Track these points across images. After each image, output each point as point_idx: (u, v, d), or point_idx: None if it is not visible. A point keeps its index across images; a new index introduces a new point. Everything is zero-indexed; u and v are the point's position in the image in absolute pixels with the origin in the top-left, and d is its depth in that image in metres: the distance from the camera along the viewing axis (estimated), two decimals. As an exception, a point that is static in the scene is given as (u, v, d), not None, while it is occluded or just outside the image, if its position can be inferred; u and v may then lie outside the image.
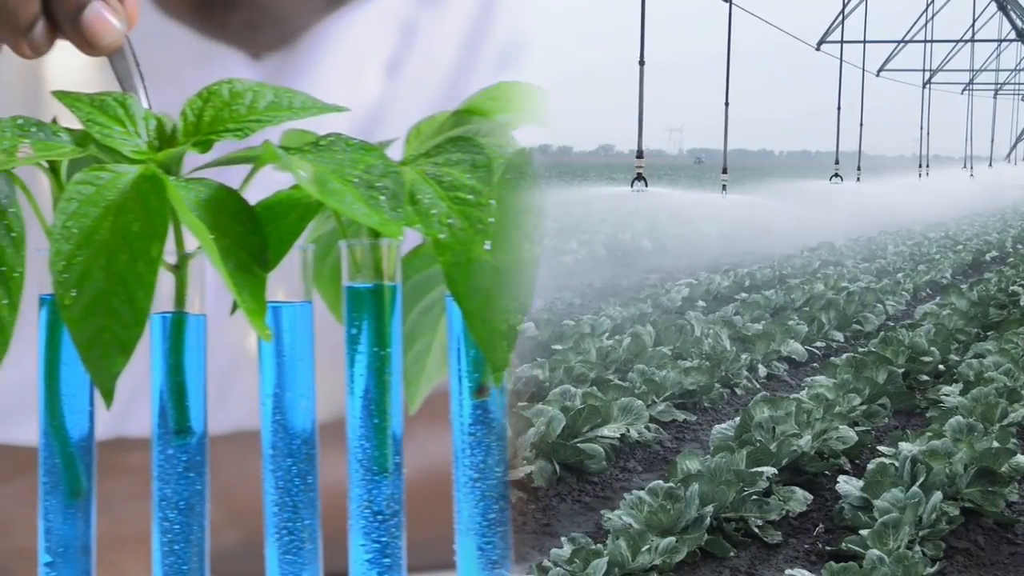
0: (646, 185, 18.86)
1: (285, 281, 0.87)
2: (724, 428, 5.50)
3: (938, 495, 4.40)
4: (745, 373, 7.24)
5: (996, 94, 51.70)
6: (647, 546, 3.98)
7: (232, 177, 0.86)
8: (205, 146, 0.86)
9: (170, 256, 0.84)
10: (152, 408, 0.87)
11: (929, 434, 5.24)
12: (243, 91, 0.87)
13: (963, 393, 6.27)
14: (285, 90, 0.89)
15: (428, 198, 0.85)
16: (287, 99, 0.88)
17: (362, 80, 1.64)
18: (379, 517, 0.88)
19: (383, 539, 0.88)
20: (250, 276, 0.80)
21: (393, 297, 0.87)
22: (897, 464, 4.73)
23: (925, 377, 7.30)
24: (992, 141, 52.77)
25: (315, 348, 0.91)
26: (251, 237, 0.81)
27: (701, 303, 10.43)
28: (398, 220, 0.81)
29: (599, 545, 3.97)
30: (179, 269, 0.84)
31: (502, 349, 0.87)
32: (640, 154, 19.11)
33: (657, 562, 3.98)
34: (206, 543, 0.88)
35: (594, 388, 5.96)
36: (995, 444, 4.98)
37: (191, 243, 0.84)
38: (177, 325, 0.85)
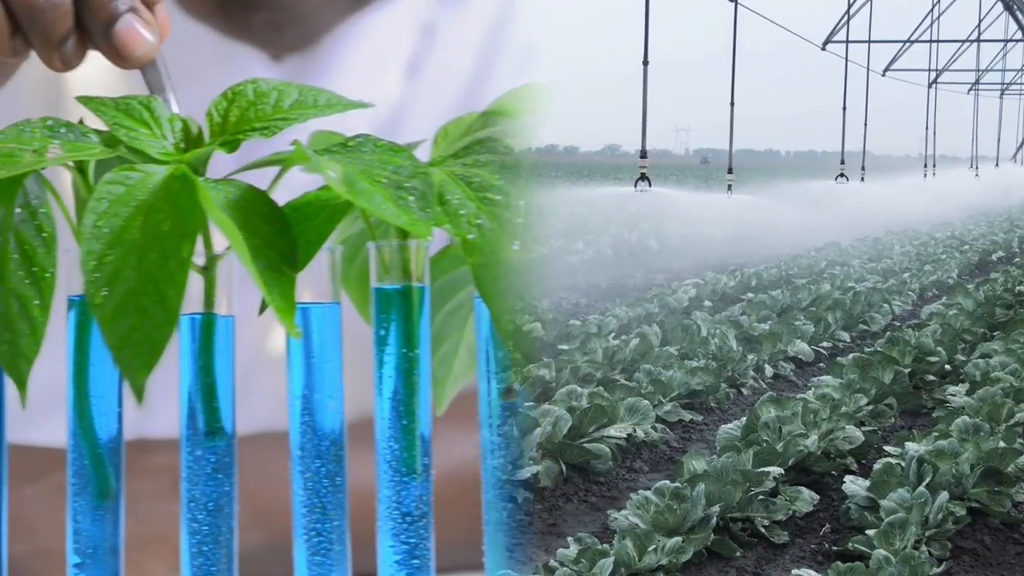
0: (649, 185, 18.82)
1: (313, 282, 0.87)
2: (730, 428, 5.51)
3: (944, 495, 4.40)
4: (751, 373, 7.24)
5: (1002, 94, 51.62)
6: (653, 546, 3.99)
7: (258, 179, 0.86)
8: (232, 146, 0.86)
9: (198, 258, 0.84)
10: (180, 410, 0.87)
11: (935, 434, 5.24)
12: (268, 90, 0.88)
13: (969, 393, 6.27)
14: (310, 88, 0.89)
15: (457, 198, 0.85)
16: (312, 97, 0.89)
17: (382, 81, 1.64)
18: (408, 518, 0.88)
19: (412, 540, 0.88)
20: (280, 276, 0.80)
21: (421, 298, 0.87)
22: (903, 464, 4.73)
23: (931, 377, 7.30)
24: (999, 141, 52.71)
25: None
26: (280, 238, 0.81)
27: (707, 303, 10.43)
28: (427, 220, 0.81)
29: (605, 545, 3.97)
30: (208, 271, 0.84)
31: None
32: (644, 154, 19.07)
33: (663, 562, 3.98)
34: (235, 544, 0.87)
35: (600, 388, 5.96)
36: (1001, 444, 4.98)
37: (219, 245, 0.84)
38: (206, 326, 0.85)
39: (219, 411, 0.87)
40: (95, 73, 1.47)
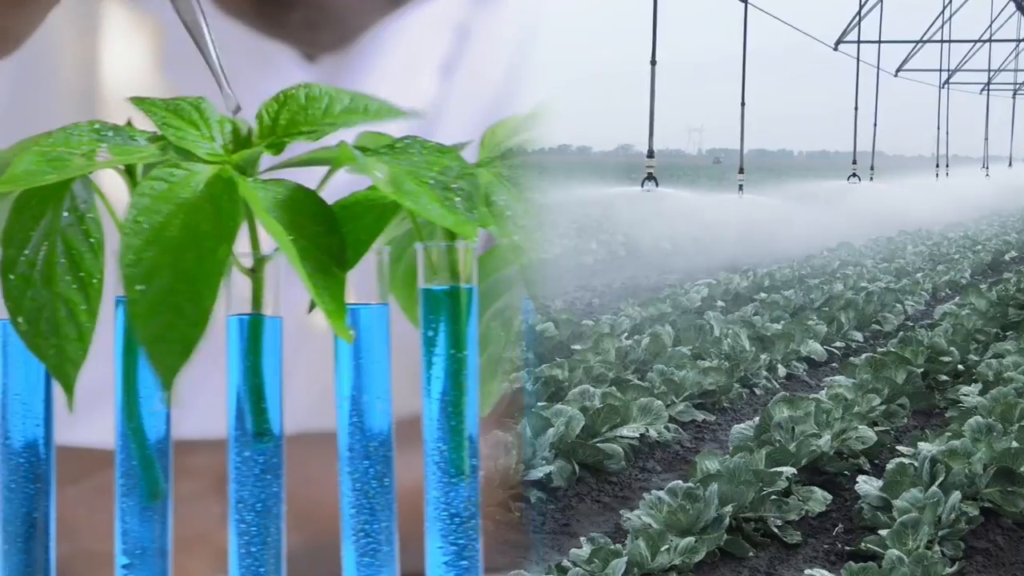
0: (656, 185, 18.81)
1: (359, 283, 0.88)
2: (743, 428, 5.52)
3: (957, 495, 4.41)
4: (764, 373, 7.25)
5: (1015, 94, 51.43)
6: (666, 546, 4.00)
7: (304, 178, 0.87)
8: (278, 148, 0.86)
9: (246, 259, 0.84)
10: (228, 411, 0.87)
11: (948, 434, 5.25)
12: (319, 95, 0.88)
13: (982, 393, 6.28)
14: (360, 95, 0.89)
15: (503, 199, 0.86)
16: (362, 104, 0.89)
17: (417, 82, 1.63)
18: (456, 519, 0.89)
19: (460, 541, 0.89)
20: (329, 277, 0.80)
21: (469, 300, 0.88)
22: (916, 464, 4.74)
23: (944, 377, 7.31)
24: (1011, 141, 52.56)
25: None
26: (329, 237, 0.81)
27: (720, 303, 10.44)
28: (472, 221, 0.81)
29: (618, 545, 3.98)
30: (256, 272, 0.85)
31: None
32: (651, 154, 19.07)
33: (676, 562, 3.99)
34: (282, 545, 0.87)
35: (613, 388, 5.98)
36: (1014, 444, 4.99)
37: (267, 246, 0.85)
38: (254, 327, 0.85)
39: (267, 412, 0.87)
40: (133, 76, 1.49)
